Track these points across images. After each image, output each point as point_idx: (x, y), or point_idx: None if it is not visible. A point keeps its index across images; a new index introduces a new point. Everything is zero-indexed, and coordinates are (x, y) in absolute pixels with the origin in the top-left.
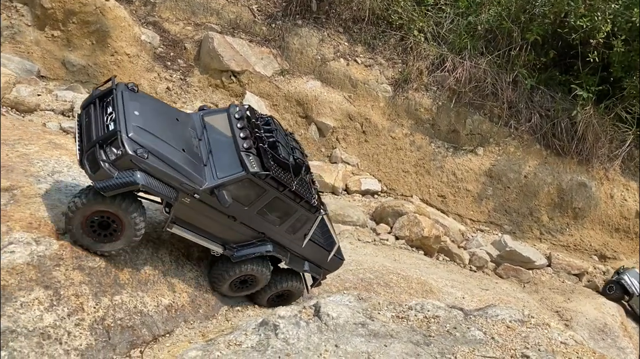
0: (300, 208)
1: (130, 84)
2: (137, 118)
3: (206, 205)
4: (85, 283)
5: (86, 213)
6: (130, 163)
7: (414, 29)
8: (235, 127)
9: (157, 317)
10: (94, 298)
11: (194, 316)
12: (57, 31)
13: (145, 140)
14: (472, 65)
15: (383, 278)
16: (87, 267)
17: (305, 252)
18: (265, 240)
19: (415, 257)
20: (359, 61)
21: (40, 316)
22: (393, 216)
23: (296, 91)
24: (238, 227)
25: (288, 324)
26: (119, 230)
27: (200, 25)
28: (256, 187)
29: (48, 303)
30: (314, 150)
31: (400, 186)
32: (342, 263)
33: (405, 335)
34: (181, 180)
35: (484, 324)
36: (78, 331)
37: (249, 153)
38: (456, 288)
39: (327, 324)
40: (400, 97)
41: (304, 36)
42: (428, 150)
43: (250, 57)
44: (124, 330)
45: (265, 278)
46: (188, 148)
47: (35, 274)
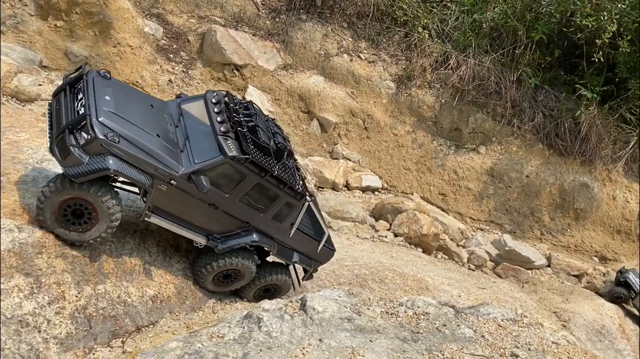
0: (285, 195)
1: (103, 71)
2: (108, 103)
3: (184, 193)
4: (67, 272)
5: (58, 201)
6: (101, 147)
7: (419, 26)
8: (212, 112)
9: (141, 308)
10: (76, 286)
11: (179, 308)
12: (60, 21)
13: (117, 125)
14: (476, 63)
15: (378, 274)
16: (70, 255)
17: (293, 242)
18: (250, 230)
19: (413, 254)
20: (362, 57)
21: (20, 303)
22: (392, 213)
23: (299, 86)
24: (220, 216)
25: (272, 317)
26: (93, 218)
27: (204, 18)
28: (236, 173)
29: (28, 291)
30: (316, 145)
31: (401, 183)
32: (333, 254)
33: (392, 331)
34: (156, 166)
35: (474, 322)
36: (58, 320)
37: (226, 137)
38: (452, 286)
39: (312, 318)
40: (403, 94)
41: (307, 31)
42: (430, 147)
43: (253, 51)
44: (106, 320)
45: (250, 272)
46: (163, 134)
47: (16, 261)
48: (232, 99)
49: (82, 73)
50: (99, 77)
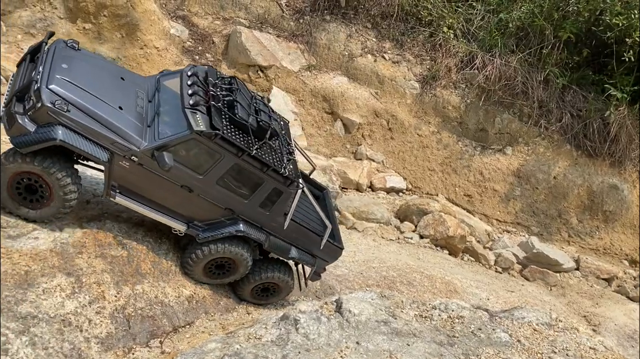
0: (270, 180)
1: (70, 41)
2: (63, 71)
3: (150, 172)
4: (107, 272)
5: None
6: (49, 116)
7: (444, 26)
8: (184, 85)
9: (178, 308)
10: (116, 286)
11: (214, 308)
12: (89, 24)
13: (69, 93)
14: (502, 63)
15: (406, 276)
16: (110, 255)
17: (289, 235)
18: (235, 219)
19: (439, 256)
20: (386, 57)
21: (62, 302)
22: (418, 214)
23: (322, 87)
24: (197, 201)
25: (309, 319)
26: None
27: (229, 19)
28: (208, 151)
29: (70, 290)
30: (339, 146)
31: (425, 184)
32: (340, 252)
33: (428, 335)
34: (113, 139)
35: (509, 326)
36: (99, 319)
37: (195, 111)
38: (481, 289)
39: (348, 320)
40: (427, 94)
41: (331, 31)
42: (455, 148)
43: (278, 52)
44: (145, 320)
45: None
46: (128, 107)
47: (58, 261)
48: (214, 74)
49: (43, 41)
50: (65, 46)
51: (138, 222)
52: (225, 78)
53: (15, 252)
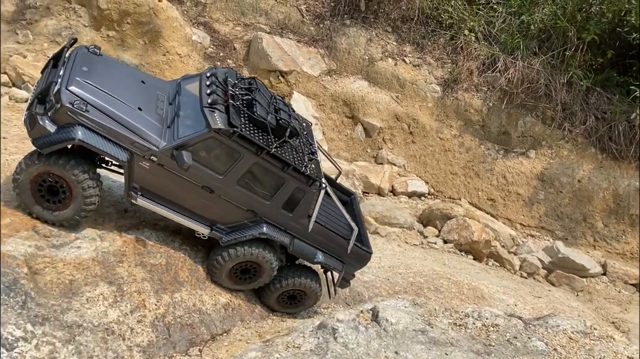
0: (292, 179)
1: (92, 47)
2: (83, 74)
3: (171, 173)
4: (147, 280)
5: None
6: (68, 116)
7: (465, 29)
8: (203, 86)
9: (215, 316)
10: (155, 295)
11: (250, 316)
12: (112, 31)
13: (88, 94)
14: (524, 65)
15: (433, 282)
16: (149, 264)
17: (314, 239)
18: (258, 221)
19: (464, 262)
20: (407, 61)
21: (105, 311)
22: (441, 219)
23: (343, 91)
24: (219, 203)
25: (347, 328)
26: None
27: (250, 25)
28: (227, 150)
29: (112, 299)
30: (360, 150)
31: (448, 188)
32: (369, 257)
33: (465, 344)
34: (132, 139)
35: (545, 334)
36: (140, 328)
37: (213, 110)
38: (508, 295)
39: (386, 330)
40: (449, 98)
41: (351, 36)
42: (477, 152)
43: (298, 57)
44: (184, 328)
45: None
46: (147, 109)
47: (100, 270)
48: (233, 75)
49: (64, 46)
50: (86, 52)
51: (175, 230)
52: (244, 79)
53: (60, 261)
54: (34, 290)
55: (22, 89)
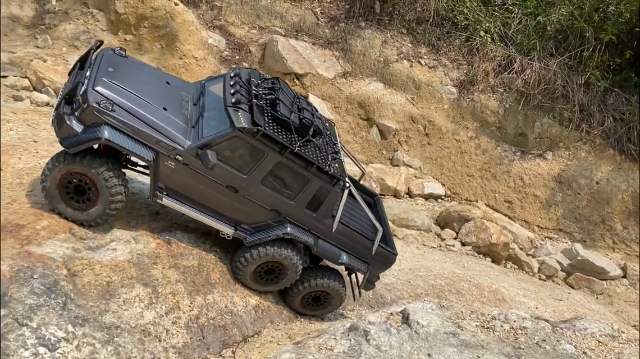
0: (316, 179)
1: (118, 49)
2: (109, 74)
3: (196, 172)
4: (180, 282)
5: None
6: (95, 116)
7: (480, 30)
8: (227, 86)
9: (246, 317)
10: (189, 296)
11: (279, 318)
12: (130, 35)
13: (114, 94)
14: (541, 66)
15: (454, 285)
16: (182, 266)
17: (338, 239)
18: (282, 221)
19: (483, 264)
20: (422, 62)
21: (141, 313)
22: (459, 221)
23: (358, 93)
24: (243, 202)
25: (379, 330)
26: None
27: (265, 28)
28: (251, 149)
29: (148, 301)
30: (375, 152)
31: (464, 190)
32: (394, 258)
33: (495, 346)
34: (157, 138)
35: (573, 337)
36: (175, 329)
37: (237, 109)
38: (528, 298)
39: (417, 332)
40: (465, 99)
41: (366, 38)
42: (494, 153)
43: (313, 60)
44: (217, 329)
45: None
46: (172, 109)
47: (136, 271)
48: (257, 76)
49: (91, 48)
50: (112, 53)
51: (205, 232)
52: (268, 79)
53: (97, 263)
54: (73, 292)
55: (43, 93)
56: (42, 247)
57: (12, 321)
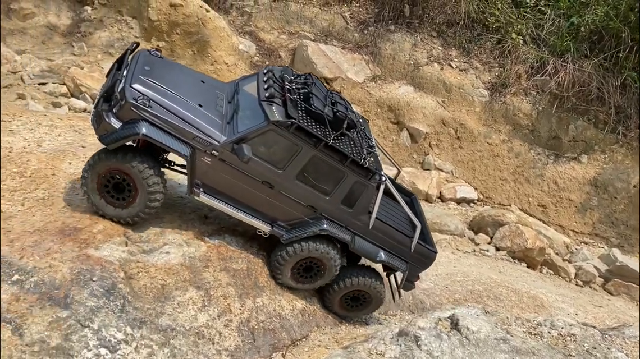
0: (351, 173)
1: (154, 50)
2: (146, 72)
3: (231, 168)
4: (231, 285)
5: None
6: (132, 112)
7: (512, 32)
8: (261, 82)
9: (294, 321)
10: (239, 299)
11: (324, 322)
12: (162, 42)
13: (150, 91)
14: (575, 68)
15: (492, 290)
16: (232, 269)
17: (375, 236)
18: (319, 218)
19: (519, 270)
20: (453, 65)
21: (195, 315)
22: (493, 226)
23: (388, 97)
24: (279, 198)
25: (429, 336)
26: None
27: (294, 33)
28: (285, 142)
29: (201, 303)
30: (406, 156)
31: (497, 194)
32: (434, 256)
33: (546, 353)
34: (194, 134)
35: (623, 345)
36: (227, 332)
37: (271, 103)
38: (567, 304)
39: (468, 338)
40: (497, 102)
41: (396, 41)
42: (527, 157)
43: (343, 64)
44: (266, 333)
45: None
46: (207, 106)
47: (189, 274)
48: (289, 72)
49: (128, 49)
50: (148, 54)
51: (252, 236)
52: (301, 75)
53: (151, 266)
54: (130, 294)
55: (80, 99)
56: (99, 250)
57: (74, 322)
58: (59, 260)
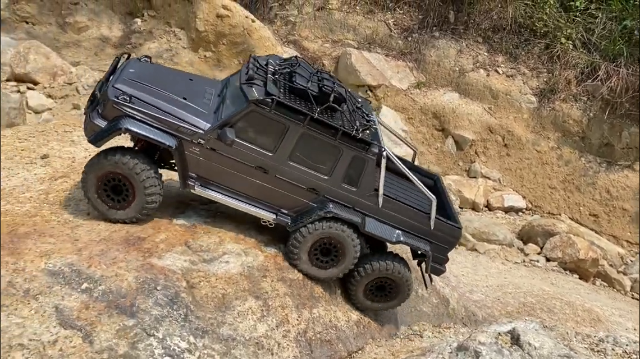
0: (346, 148)
1: (144, 57)
2: (130, 74)
3: (222, 156)
4: (288, 295)
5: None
6: (115, 109)
7: (561, 36)
8: (243, 69)
9: (349, 332)
10: (296, 310)
11: (379, 334)
12: (209, 52)
13: (132, 88)
14: (628, 73)
15: (545, 303)
16: (288, 279)
17: (388, 216)
18: (323, 200)
19: (571, 281)
20: (499, 71)
21: (254, 325)
22: (543, 236)
23: (432, 104)
24: (277, 183)
25: (490, 351)
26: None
27: (337, 42)
28: (271, 122)
29: (260, 313)
30: (451, 164)
31: (546, 203)
32: (459, 232)
33: None
34: (177, 124)
35: None
36: (286, 343)
37: (251, 85)
38: (624, 318)
39: (530, 354)
40: (546, 108)
41: (441, 48)
42: (578, 165)
43: (387, 71)
44: (323, 344)
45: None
46: (193, 98)
47: (247, 284)
48: (276, 58)
49: (117, 57)
50: (137, 61)
51: None
52: (287, 59)
53: (212, 276)
54: (193, 303)
55: None
56: (162, 259)
57: (140, 331)
58: (125, 268)
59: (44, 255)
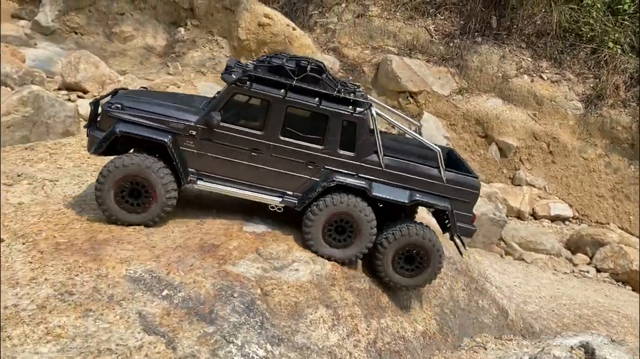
0: (333, 113)
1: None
2: (122, 92)
3: (216, 144)
4: (356, 304)
5: (116, 179)
6: (109, 119)
7: (608, 41)
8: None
9: (416, 343)
10: (365, 319)
11: (444, 345)
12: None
13: (125, 100)
14: None
15: (602, 315)
16: (356, 288)
17: (396, 176)
18: (324, 173)
19: (626, 293)
20: (544, 77)
21: (326, 334)
22: (592, 245)
23: (475, 110)
24: (275, 163)
25: None
26: (150, 196)
27: (377, 48)
28: (255, 101)
29: (330, 323)
30: (495, 171)
31: (594, 212)
32: (477, 183)
33: None
34: (168, 121)
35: None
36: (357, 353)
37: (230, 72)
38: None
39: None
40: (592, 115)
41: (483, 53)
42: (627, 172)
43: (428, 77)
44: (392, 355)
45: (365, 220)
46: (182, 103)
47: (317, 293)
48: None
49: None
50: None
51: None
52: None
53: (284, 283)
54: (268, 311)
55: None
56: (236, 267)
57: (220, 338)
58: (202, 275)
59: (124, 261)
